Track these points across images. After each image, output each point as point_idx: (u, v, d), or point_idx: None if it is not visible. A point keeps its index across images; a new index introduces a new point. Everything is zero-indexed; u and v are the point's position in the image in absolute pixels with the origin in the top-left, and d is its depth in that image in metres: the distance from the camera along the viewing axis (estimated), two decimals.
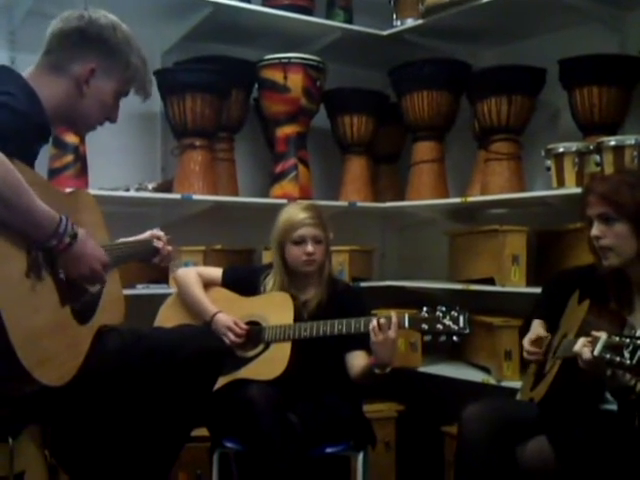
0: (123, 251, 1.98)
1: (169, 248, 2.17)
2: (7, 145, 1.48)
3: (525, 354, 2.21)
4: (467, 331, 2.24)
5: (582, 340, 1.77)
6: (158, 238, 2.15)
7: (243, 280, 2.60)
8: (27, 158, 1.60)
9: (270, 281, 2.54)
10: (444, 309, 2.25)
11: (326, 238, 2.51)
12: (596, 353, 1.66)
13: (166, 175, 3.23)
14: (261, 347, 2.45)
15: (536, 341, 2.18)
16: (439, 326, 2.25)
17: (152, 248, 2.14)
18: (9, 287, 1.45)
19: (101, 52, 1.79)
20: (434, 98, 3.25)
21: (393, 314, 2.27)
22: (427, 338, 2.31)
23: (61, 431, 1.81)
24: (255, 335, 2.47)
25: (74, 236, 1.60)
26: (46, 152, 2.74)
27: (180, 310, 2.57)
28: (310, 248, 2.45)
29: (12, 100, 1.58)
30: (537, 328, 2.23)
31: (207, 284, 2.59)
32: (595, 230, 1.98)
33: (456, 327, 2.24)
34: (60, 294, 1.62)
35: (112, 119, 1.89)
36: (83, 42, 1.77)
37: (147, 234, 2.16)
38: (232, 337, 2.43)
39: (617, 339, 1.64)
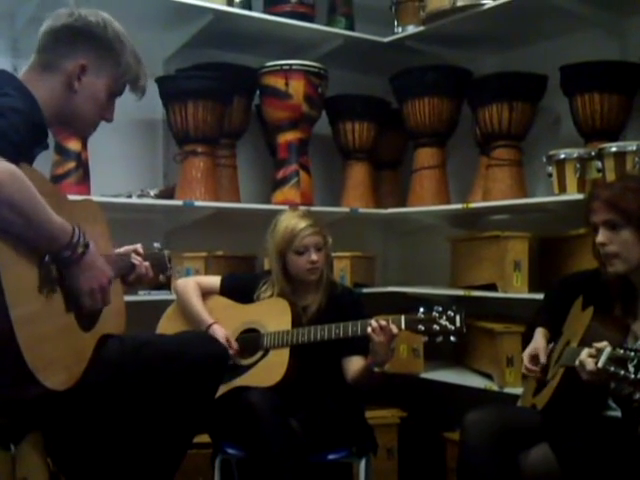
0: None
1: (146, 264, 1.99)
2: (16, 149, 1.47)
3: (524, 370, 2.20)
4: (464, 331, 2.23)
5: (586, 351, 1.75)
6: (137, 253, 1.99)
7: (241, 287, 2.60)
8: (26, 161, 1.58)
9: (267, 290, 2.55)
10: (440, 309, 2.24)
11: (326, 244, 2.52)
12: (600, 365, 1.65)
13: (168, 182, 3.23)
14: (259, 354, 2.45)
15: (535, 357, 2.17)
16: (435, 327, 2.24)
17: (129, 264, 1.96)
18: (23, 303, 1.45)
19: (91, 48, 1.76)
20: (435, 104, 3.25)
21: (389, 318, 2.27)
22: (424, 339, 2.30)
23: (63, 438, 1.80)
24: (253, 342, 2.47)
25: (86, 246, 1.60)
26: (48, 159, 2.75)
27: (180, 320, 2.57)
28: (314, 257, 2.46)
29: (12, 101, 1.57)
30: (538, 339, 2.21)
31: (206, 293, 2.59)
32: (601, 237, 1.96)
33: (453, 327, 2.23)
34: (66, 300, 1.62)
35: (107, 118, 1.86)
36: (73, 39, 1.75)
37: (124, 249, 1.99)
38: None
39: (622, 352, 1.62)
